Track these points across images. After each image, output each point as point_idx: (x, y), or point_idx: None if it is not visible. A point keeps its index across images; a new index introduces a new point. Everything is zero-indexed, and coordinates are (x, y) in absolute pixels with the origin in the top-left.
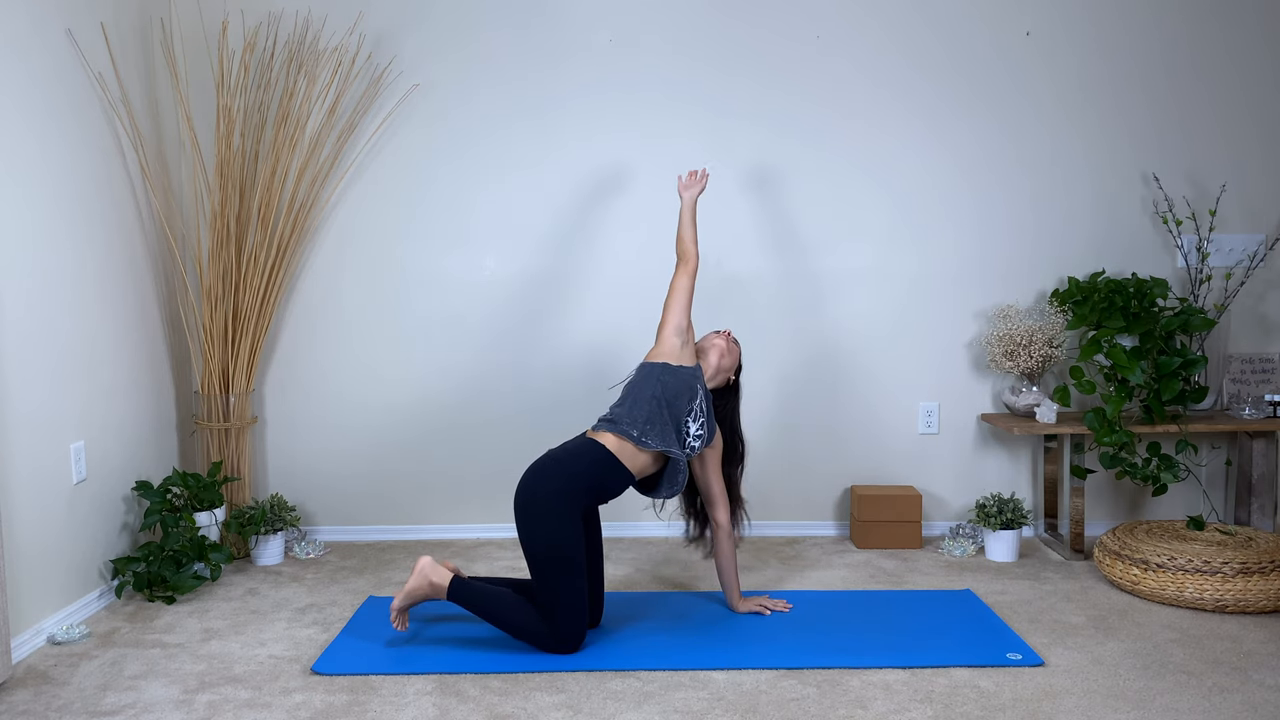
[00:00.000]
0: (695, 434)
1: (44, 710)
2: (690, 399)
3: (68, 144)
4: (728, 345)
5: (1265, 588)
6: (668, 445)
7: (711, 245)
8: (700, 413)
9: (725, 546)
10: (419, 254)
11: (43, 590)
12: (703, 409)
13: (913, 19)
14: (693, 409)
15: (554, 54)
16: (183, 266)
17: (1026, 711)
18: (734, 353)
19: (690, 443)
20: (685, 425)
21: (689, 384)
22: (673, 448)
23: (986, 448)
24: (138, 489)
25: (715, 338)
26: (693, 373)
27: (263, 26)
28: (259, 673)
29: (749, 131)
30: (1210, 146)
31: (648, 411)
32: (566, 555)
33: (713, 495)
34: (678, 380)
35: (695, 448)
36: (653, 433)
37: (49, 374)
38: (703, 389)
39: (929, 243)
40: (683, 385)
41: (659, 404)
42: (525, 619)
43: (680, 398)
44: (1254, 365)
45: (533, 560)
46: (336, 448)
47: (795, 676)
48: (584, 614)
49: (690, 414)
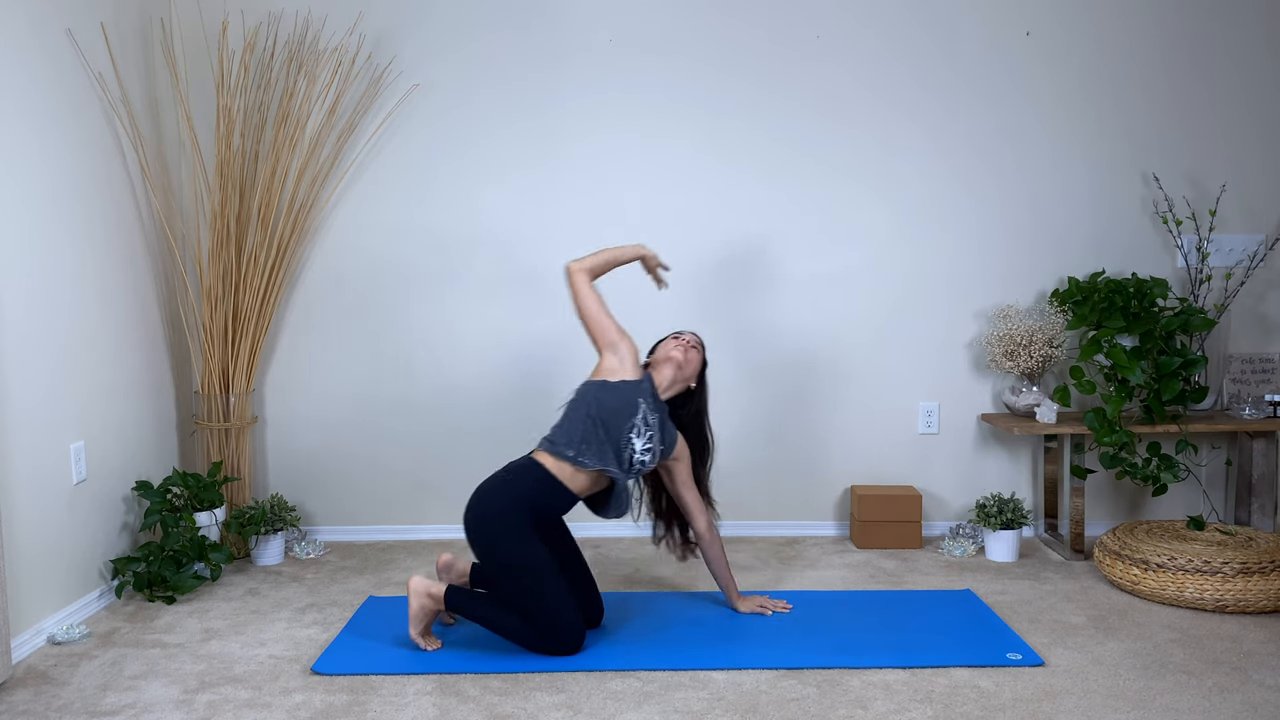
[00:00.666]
0: (642, 449)
1: (44, 710)
2: (630, 415)
3: (68, 144)
4: (685, 355)
5: (1265, 588)
6: (605, 464)
7: (712, 245)
8: (646, 428)
9: (712, 552)
10: (419, 254)
11: (43, 590)
12: (648, 423)
13: (913, 20)
14: (634, 425)
15: (554, 54)
16: (183, 266)
17: (1026, 711)
18: (692, 360)
19: (637, 459)
20: (627, 442)
21: (628, 400)
22: (610, 466)
23: (986, 448)
24: (138, 489)
25: (672, 348)
26: (634, 387)
27: (263, 26)
28: (259, 673)
29: (749, 131)
30: (1210, 146)
31: (582, 431)
32: (528, 567)
33: (687, 507)
34: (615, 397)
35: (645, 462)
36: (589, 452)
37: (49, 374)
38: (647, 403)
39: (929, 242)
40: (621, 402)
41: (594, 423)
42: (520, 624)
43: (619, 415)
44: (1254, 365)
45: (497, 580)
46: (336, 448)
47: (795, 676)
48: (572, 614)
49: (632, 430)
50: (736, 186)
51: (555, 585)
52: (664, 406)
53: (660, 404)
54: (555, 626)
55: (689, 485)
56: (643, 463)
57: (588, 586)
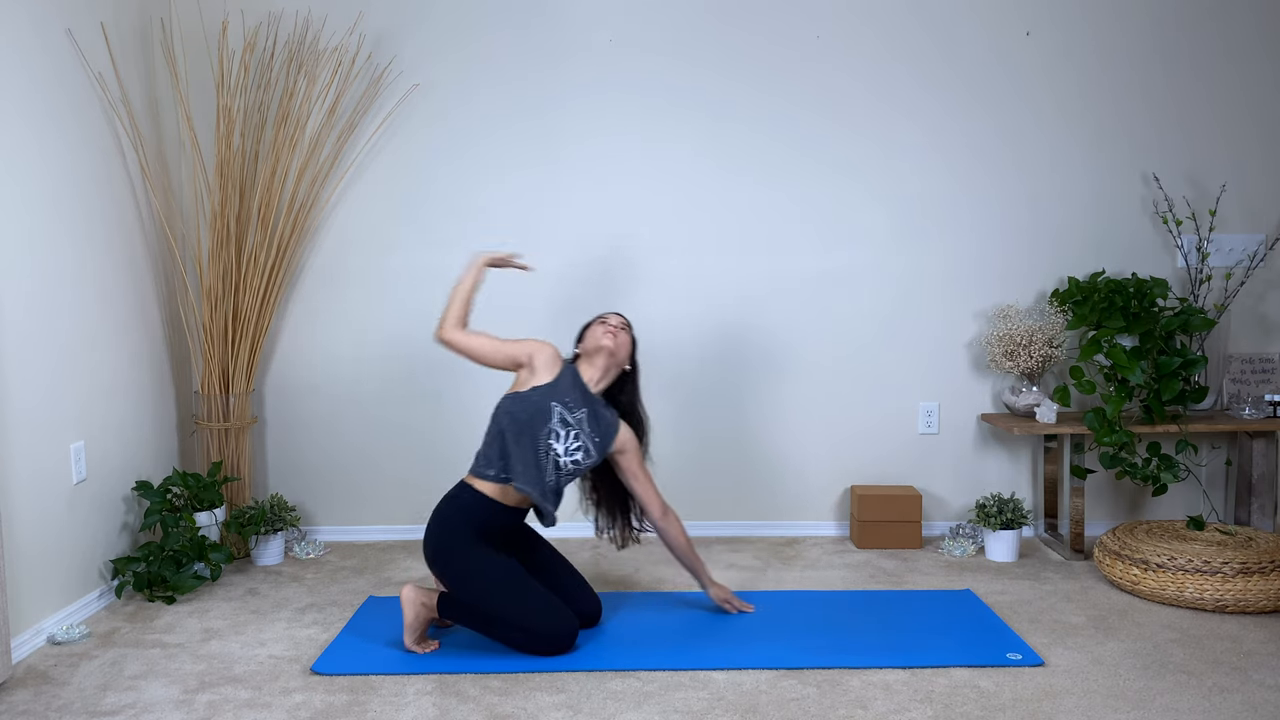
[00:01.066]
0: (571, 449)
1: (44, 710)
2: (544, 421)
3: (68, 144)
4: (615, 342)
5: (1265, 588)
6: (525, 482)
7: (712, 245)
8: (565, 428)
9: (671, 538)
10: (419, 253)
11: (43, 590)
12: (568, 423)
13: (914, 20)
14: (549, 430)
15: (554, 55)
16: (183, 266)
17: (1026, 711)
18: (623, 344)
19: (565, 462)
20: (547, 450)
21: (539, 407)
22: (527, 484)
23: (986, 448)
24: (138, 489)
25: (601, 336)
26: (547, 391)
27: (263, 26)
28: (259, 673)
29: (749, 132)
30: (1210, 146)
31: (499, 448)
32: (492, 580)
33: (639, 499)
34: (525, 407)
35: (579, 461)
36: (509, 468)
37: (49, 374)
38: (563, 403)
39: (929, 243)
40: (531, 411)
41: (507, 438)
42: (511, 628)
43: (531, 425)
44: (1254, 365)
45: (474, 602)
46: (336, 448)
47: (795, 676)
48: (553, 616)
49: (550, 436)
50: (736, 187)
51: (524, 591)
52: (592, 399)
53: (586, 397)
54: (538, 630)
55: (638, 476)
56: (576, 462)
57: (574, 585)
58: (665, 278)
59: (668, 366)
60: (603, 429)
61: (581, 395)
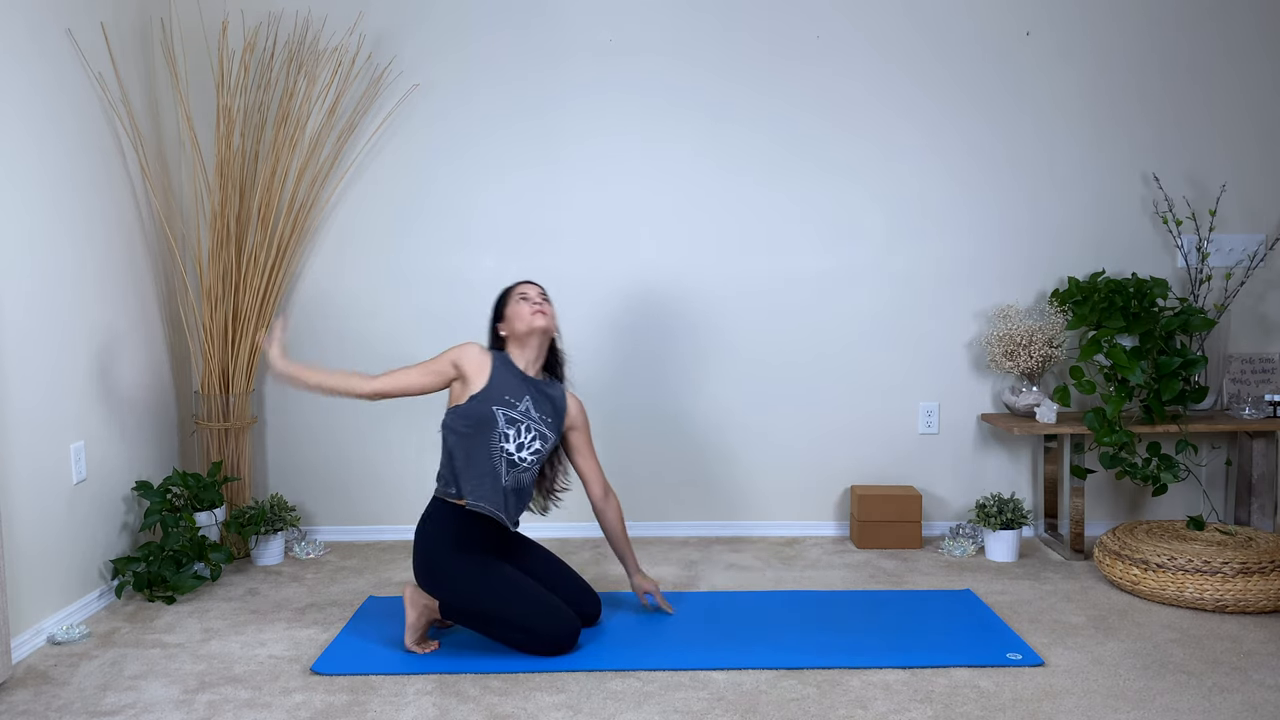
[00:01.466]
0: (527, 443)
1: (44, 710)
2: (491, 427)
3: (68, 144)
4: (548, 319)
5: (1265, 588)
6: (480, 498)
7: (713, 245)
8: (513, 425)
9: (609, 520)
10: (419, 254)
11: (43, 590)
12: (514, 420)
13: (914, 21)
14: (498, 434)
15: (554, 55)
16: (183, 266)
17: (1026, 711)
18: (552, 315)
19: (524, 458)
20: (501, 453)
21: (481, 415)
22: (482, 499)
23: (986, 448)
24: (138, 489)
25: (528, 313)
26: (481, 398)
27: (263, 26)
28: (259, 673)
29: (749, 132)
30: (1210, 146)
31: (450, 468)
32: (485, 587)
33: (583, 475)
34: (468, 420)
35: (539, 450)
36: (466, 483)
37: (49, 374)
38: (503, 402)
39: (929, 243)
40: (475, 421)
41: (455, 457)
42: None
43: (479, 434)
44: (1254, 365)
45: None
46: (336, 447)
47: (795, 676)
48: (558, 613)
49: (500, 439)
50: (736, 187)
51: (522, 592)
52: (532, 381)
53: (525, 383)
54: (540, 630)
55: (584, 453)
56: (537, 452)
57: (570, 585)
58: (665, 277)
59: (668, 366)
60: (553, 408)
61: (520, 383)
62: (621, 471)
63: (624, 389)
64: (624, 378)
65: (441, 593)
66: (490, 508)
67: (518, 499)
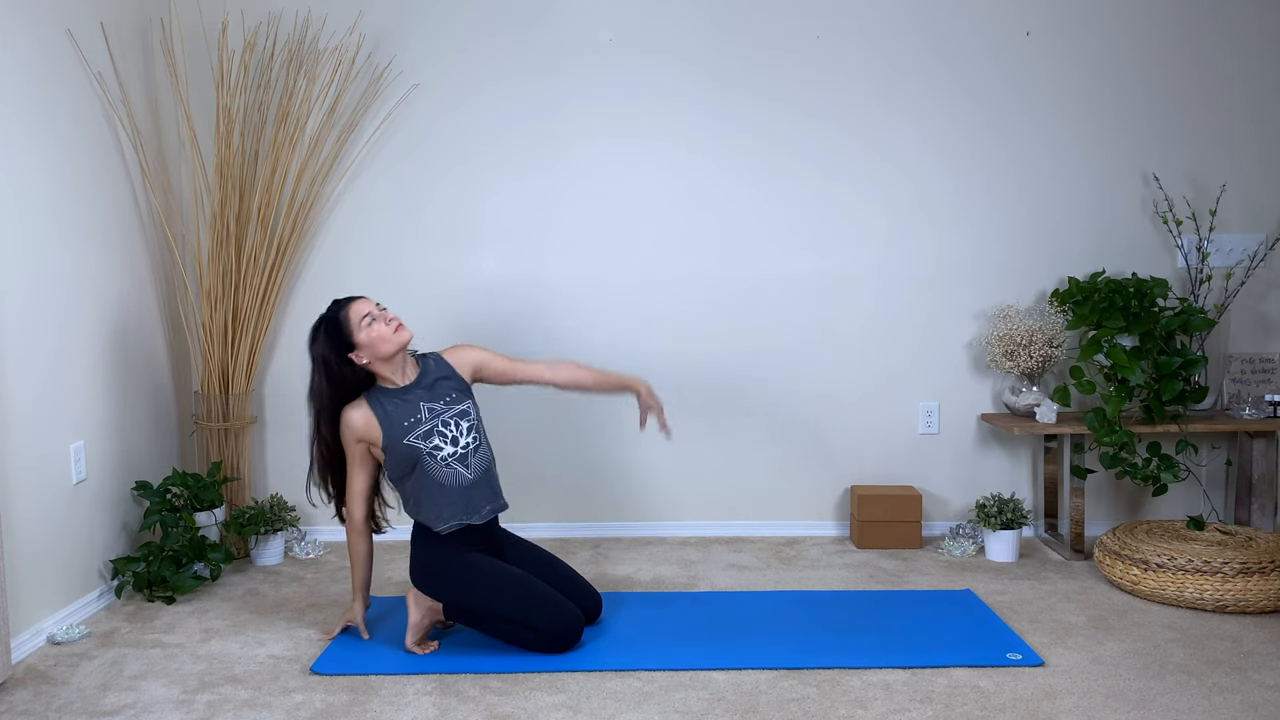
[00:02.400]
0: (461, 433)
1: (44, 710)
2: (418, 455)
3: (67, 144)
4: (408, 331)
5: (1265, 588)
6: (451, 518)
7: (713, 245)
8: (436, 432)
9: (577, 379)
10: (419, 254)
11: (43, 590)
12: (429, 432)
13: (915, 21)
14: (428, 452)
15: (554, 54)
16: (183, 266)
17: (1026, 711)
18: (393, 324)
19: (466, 442)
20: (443, 461)
21: (402, 455)
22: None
23: (986, 448)
24: (138, 489)
25: (387, 333)
26: (390, 443)
27: (263, 26)
28: (259, 673)
29: (749, 132)
30: (1210, 146)
31: (413, 505)
32: (495, 585)
33: (527, 377)
34: (397, 465)
35: (474, 426)
36: (429, 515)
37: (49, 374)
38: (409, 432)
39: (929, 243)
40: (401, 462)
41: (409, 499)
42: (519, 627)
43: (417, 465)
44: (1254, 365)
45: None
46: None
47: (795, 676)
48: (563, 609)
49: (434, 453)
50: (737, 186)
51: (527, 589)
52: (411, 385)
53: (409, 392)
54: (546, 627)
55: (510, 367)
56: (472, 426)
57: (571, 584)
58: (665, 277)
59: (668, 366)
60: (448, 383)
61: (405, 400)
62: (622, 471)
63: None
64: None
65: (446, 597)
66: (461, 522)
67: (486, 480)
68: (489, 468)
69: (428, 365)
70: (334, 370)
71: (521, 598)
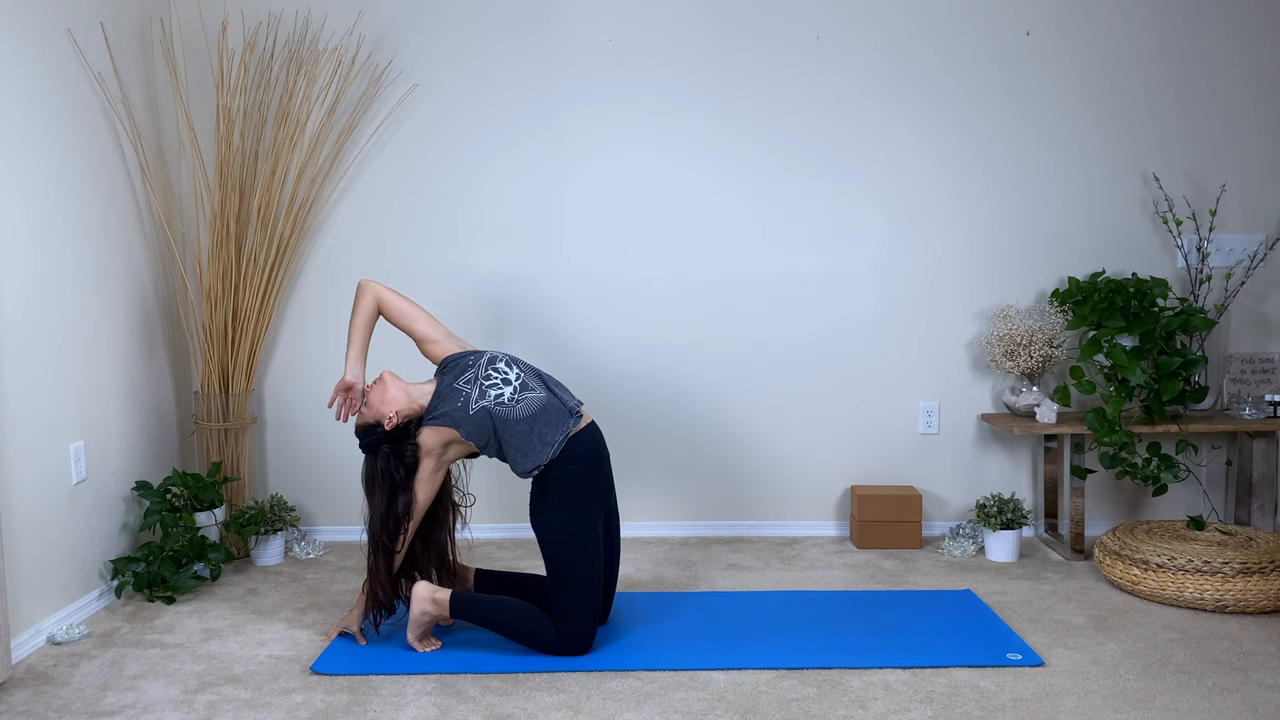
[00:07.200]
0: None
1: (44, 710)
2: (489, 418)
3: (67, 144)
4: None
5: (1265, 588)
6: (557, 423)
7: (712, 245)
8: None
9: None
10: (419, 254)
11: (43, 590)
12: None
13: (915, 21)
14: (494, 404)
15: (555, 54)
16: (183, 266)
17: (1026, 711)
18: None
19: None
20: (509, 402)
21: (478, 424)
22: (559, 424)
23: (986, 448)
24: (138, 489)
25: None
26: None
27: (263, 26)
28: (259, 673)
29: (749, 132)
30: (1210, 146)
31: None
32: (578, 550)
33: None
34: (476, 437)
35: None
36: (537, 445)
37: (48, 374)
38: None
39: (929, 243)
40: (478, 430)
41: (507, 453)
42: (534, 625)
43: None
44: (1254, 365)
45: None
46: (336, 448)
47: (795, 676)
48: (593, 626)
49: (499, 404)
50: (737, 186)
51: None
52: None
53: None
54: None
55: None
56: (514, 369)
57: (610, 578)
58: (665, 276)
59: (669, 366)
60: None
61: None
62: (621, 471)
63: (623, 389)
64: (623, 378)
65: (552, 515)
66: (565, 428)
67: (552, 385)
68: (543, 376)
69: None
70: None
71: (577, 594)
